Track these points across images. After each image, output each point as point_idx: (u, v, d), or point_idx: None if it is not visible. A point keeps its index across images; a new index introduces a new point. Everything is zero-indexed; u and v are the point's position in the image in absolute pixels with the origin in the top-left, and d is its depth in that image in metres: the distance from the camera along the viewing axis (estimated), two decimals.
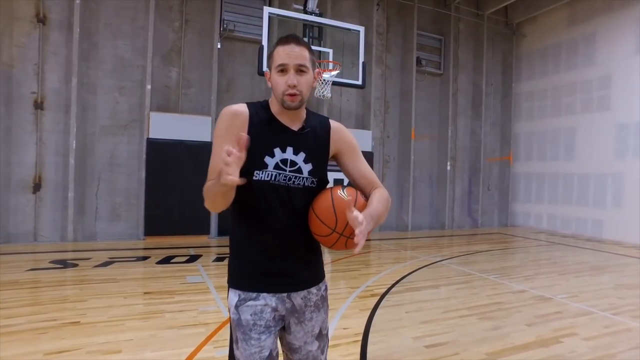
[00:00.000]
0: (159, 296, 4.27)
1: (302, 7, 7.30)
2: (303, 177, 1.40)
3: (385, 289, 4.81)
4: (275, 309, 1.40)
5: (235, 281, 1.43)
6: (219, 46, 8.32)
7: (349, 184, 1.52)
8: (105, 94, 7.64)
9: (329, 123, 1.51)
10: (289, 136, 1.40)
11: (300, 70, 1.35)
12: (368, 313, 3.94)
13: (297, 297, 1.44)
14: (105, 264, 5.64)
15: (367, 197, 1.44)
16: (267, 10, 6.71)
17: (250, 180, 1.34)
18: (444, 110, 10.99)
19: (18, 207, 7.07)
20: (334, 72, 7.07)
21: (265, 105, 1.44)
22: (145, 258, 6.18)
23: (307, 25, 7.25)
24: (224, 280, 4.84)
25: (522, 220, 11.83)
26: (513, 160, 12.03)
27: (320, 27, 7.40)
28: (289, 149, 1.39)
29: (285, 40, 1.37)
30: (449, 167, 10.90)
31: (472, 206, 11.52)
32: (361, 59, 7.45)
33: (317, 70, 1.44)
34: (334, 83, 7.31)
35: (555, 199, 10.85)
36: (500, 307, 4.24)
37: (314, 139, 1.44)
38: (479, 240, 9.45)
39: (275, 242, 1.39)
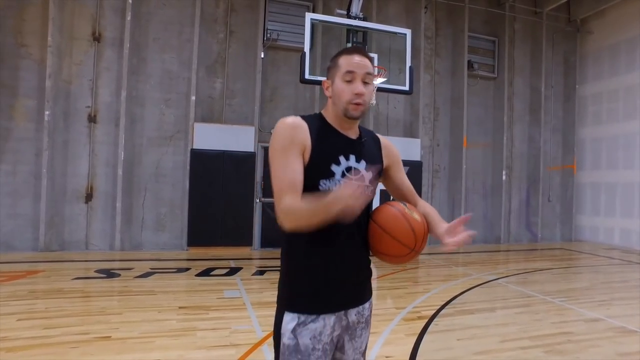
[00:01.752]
0: (193, 311, 4.13)
1: (345, 12, 7.08)
2: (366, 187, 1.37)
3: (434, 311, 4.37)
4: (333, 329, 1.35)
5: (294, 304, 1.35)
6: (262, 56, 8.30)
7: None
8: (153, 106, 7.84)
9: (379, 137, 1.55)
10: (350, 144, 1.40)
11: (366, 80, 1.36)
12: (414, 339, 3.55)
13: (352, 314, 1.41)
14: (146, 275, 5.65)
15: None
16: (309, 16, 6.55)
17: (317, 192, 1.30)
18: (499, 116, 10.27)
19: (72, 216, 7.38)
20: (380, 79, 6.76)
21: (319, 117, 1.43)
22: (186, 269, 6.15)
23: (350, 30, 7.01)
24: (261, 296, 4.62)
25: (589, 235, 10.71)
26: (577, 169, 10.97)
27: (365, 32, 7.14)
28: (352, 157, 1.37)
29: (352, 50, 1.39)
30: (504, 177, 10.12)
31: (530, 219, 10.61)
32: (408, 63, 7.07)
33: (374, 84, 1.43)
34: (381, 90, 6.99)
35: (630, 212, 9.70)
36: (570, 338, 3.66)
37: (371, 150, 1.46)
38: (539, 256, 8.62)
39: (339, 256, 1.35)
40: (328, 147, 1.34)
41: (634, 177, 9.63)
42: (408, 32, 7.01)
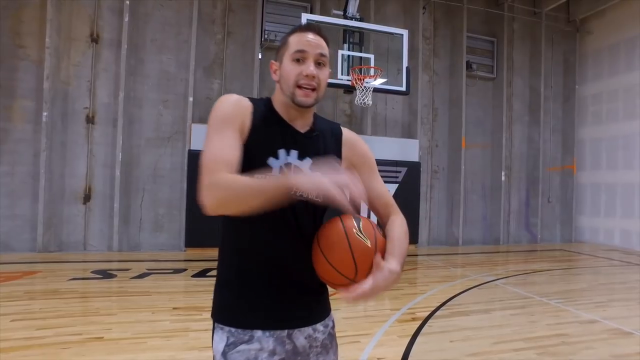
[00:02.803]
0: (186, 312, 4.13)
1: (341, 13, 7.08)
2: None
3: (429, 312, 4.35)
4: (272, 353, 1.12)
5: (223, 315, 1.16)
6: (260, 57, 8.30)
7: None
8: (150, 107, 7.85)
9: (341, 130, 1.30)
10: (294, 138, 1.18)
11: (319, 62, 1.17)
12: (407, 340, 3.53)
13: (300, 337, 1.18)
14: (142, 276, 5.65)
15: (382, 223, 1.26)
16: (305, 17, 6.56)
17: None
18: (498, 116, 10.24)
19: (70, 217, 7.39)
20: (378, 80, 6.75)
21: (267, 102, 1.22)
22: (182, 270, 6.16)
23: (347, 30, 7.03)
24: None
25: (589, 236, 10.67)
26: (577, 170, 10.93)
27: (361, 32, 7.15)
28: (293, 153, 1.16)
29: (304, 27, 1.19)
30: (503, 178, 10.10)
31: (530, 219, 10.58)
32: (405, 63, 7.08)
33: (329, 70, 1.23)
34: (379, 90, 6.99)
35: (630, 213, 9.66)
36: (564, 340, 3.64)
37: (324, 146, 1.23)
38: (538, 257, 8.60)
39: (275, 265, 1.14)
40: (268, 137, 1.15)
41: (634, 178, 9.59)
42: (405, 32, 7.01)
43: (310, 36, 1.17)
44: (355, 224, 1.12)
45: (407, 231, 1.22)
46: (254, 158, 1.12)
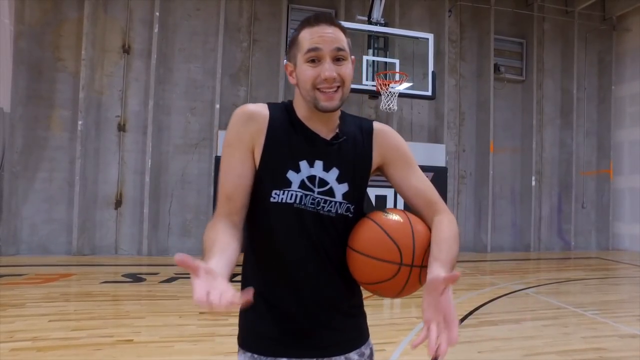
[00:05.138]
0: (213, 317, 4.19)
1: (366, 18, 7.09)
2: (335, 202, 1.05)
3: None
4: None
5: (246, 340, 1.08)
6: (285, 63, 8.39)
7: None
8: (178, 114, 8.07)
9: (372, 126, 1.15)
10: (319, 147, 1.06)
11: (338, 57, 1.00)
12: None
13: None
14: (170, 280, 5.77)
15: (427, 224, 1.06)
16: None
17: (267, 204, 1.03)
18: (528, 119, 9.95)
19: (102, 221, 7.66)
20: (403, 85, 6.71)
21: (288, 107, 1.10)
22: None
23: (372, 36, 7.02)
24: None
25: (628, 244, 10.16)
26: (614, 174, 10.46)
27: (386, 37, 7.12)
28: (318, 164, 1.05)
29: (313, 20, 1.02)
30: (534, 182, 9.78)
31: (562, 226, 10.19)
32: (430, 68, 7.00)
33: (352, 57, 1.06)
34: (404, 95, 6.94)
35: None
36: (602, 355, 3.47)
37: (353, 151, 1.09)
38: (572, 265, 8.27)
39: (300, 288, 1.05)
40: (287, 148, 1.04)
41: None
42: (430, 36, 6.94)
43: (322, 29, 1.00)
44: (381, 211, 1.05)
45: (457, 232, 1.03)
46: (272, 172, 1.03)
